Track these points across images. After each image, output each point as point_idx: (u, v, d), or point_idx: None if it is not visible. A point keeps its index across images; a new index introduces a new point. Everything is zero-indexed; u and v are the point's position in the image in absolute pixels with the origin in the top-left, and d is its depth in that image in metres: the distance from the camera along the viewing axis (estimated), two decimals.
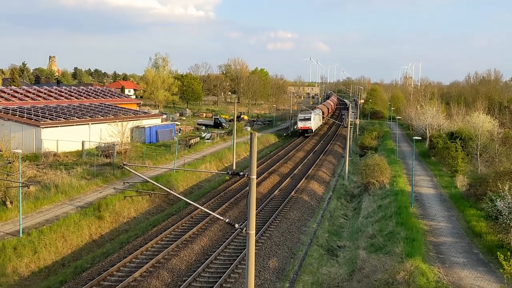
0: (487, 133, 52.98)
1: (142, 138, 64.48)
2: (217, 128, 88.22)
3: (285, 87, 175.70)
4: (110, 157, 49.66)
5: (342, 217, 36.89)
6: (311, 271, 24.84)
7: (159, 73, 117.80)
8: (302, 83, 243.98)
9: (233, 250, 27.09)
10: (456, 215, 33.45)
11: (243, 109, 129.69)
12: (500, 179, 31.36)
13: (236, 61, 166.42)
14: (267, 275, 23.83)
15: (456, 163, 46.96)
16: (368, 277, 20.18)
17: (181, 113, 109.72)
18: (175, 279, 23.13)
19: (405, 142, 79.51)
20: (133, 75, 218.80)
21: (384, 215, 32.54)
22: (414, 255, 22.88)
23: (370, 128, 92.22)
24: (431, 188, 42.96)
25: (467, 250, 26.27)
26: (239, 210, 35.28)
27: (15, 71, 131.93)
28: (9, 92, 72.30)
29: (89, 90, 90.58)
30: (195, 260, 25.59)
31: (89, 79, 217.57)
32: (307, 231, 32.17)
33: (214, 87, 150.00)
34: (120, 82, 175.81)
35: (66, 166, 44.14)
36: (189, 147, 61.77)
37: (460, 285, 21.08)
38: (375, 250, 25.74)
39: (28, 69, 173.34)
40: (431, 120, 70.76)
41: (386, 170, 44.58)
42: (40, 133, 52.70)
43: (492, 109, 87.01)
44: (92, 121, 60.23)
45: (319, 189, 44.69)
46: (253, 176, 14.69)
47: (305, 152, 66.42)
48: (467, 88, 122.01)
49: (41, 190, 34.96)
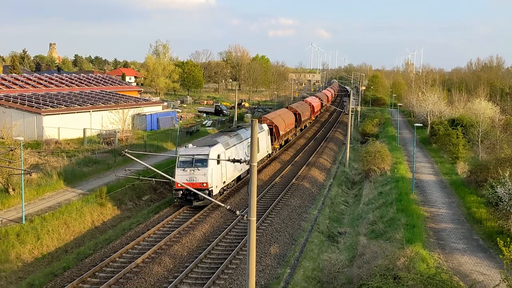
0: (488, 120, 53.00)
1: (143, 125, 64.52)
2: (218, 115, 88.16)
3: (286, 74, 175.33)
4: (112, 144, 49.75)
5: (343, 203, 37.02)
6: (311, 257, 25.01)
7: (160, 60, 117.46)
8: (303, 70, 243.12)
9: (234, 236, 27.25)
10: (456, 202, 33.56)
11: (244, 96, 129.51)
12: (501, 166, 31.42)
13: (237, 48, 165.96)
14: (268, 261, 24.01)
15: (457, 150, 46.98)
16: (368, 263, 20.32)
17: (182, 101, 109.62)
18: (177, 265, 23.32)
19: (406, 129, 79.48)
20: (134, 62, 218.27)
21: (384, 201, 32.65)
22: (415, 241, 23.01)
23: (371, 115, 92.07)
24: (432, 175, 43.04)
25: (467, 236, 26.41)
26: (240, 197, 35.40)
27: (16, 59, 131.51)
28: (10, 79, 72.21)
29: (90, 77, 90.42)
30: (197, 247, 25.76)
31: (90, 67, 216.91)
32: (308, 217, 32.33)
33: (215, 74, 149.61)
34: (120, 69, 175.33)
35: (67, 154, 44.25)
36: (190, 135, 61.82)
37: (460, 270, 21.24)
38: (375, 236, 25.88)
39: (29, 56, 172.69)
40: (433, 107, 70.66)
41: (387, 157, 44.62)
42: (41, 120, 52.76)
43: (494, 96, 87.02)
44: (93, 109, 60.23)
45: (320, 176, 44.79)
46: (254, 163, 14.75)
47: (306, 139, 66.42)
48: (469, 75, 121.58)
49: (43, 177, 35.10)
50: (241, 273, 22.12)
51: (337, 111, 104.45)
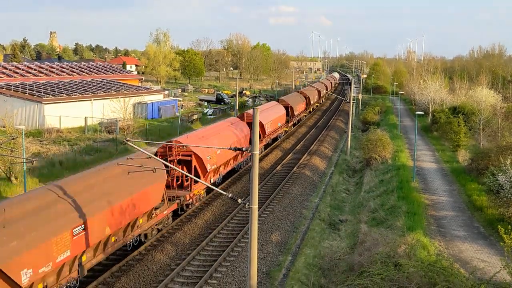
0: (490, 108, 52.85)
1: (145, 114, 64.55)
2: (219, 103, 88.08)
3: (287, 62, 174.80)
4: (113, 133, 49.82)
5: (344, 191, 37.12)
6: (313, 245, 25.15)
7: (161, 48, 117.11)
8: (304, 58, 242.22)
9: (235, 224, 27.38)
10: (457, 190, 33.64)
11: (245, 84, 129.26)
12: (502, 154, 31.41)
13: (238, 36, 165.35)
14: (269, 249, 24.17)
15: (458, 138, 46.98)
16: (369, 250, 20.43)
17: (183, 89, 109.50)
18: (179, 253, 23.47)
19: (408, 117, 79.36)
20: (135, 50, 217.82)
21: (385, 189, 32.74)
22: (415, 228, 23.12)
23: (372, 103, 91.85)
24: (433, 163, 43.09)
25: (467, 224, 26.52)
26: (241, 185, 35.50)
27: (16, 47, 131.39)
28: (10, 68, 72.15)
29: (91, 66, 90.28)
30: (199, 234, 25.91)
31: (90, 55, 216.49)
32: (309, 205, 32.45)
33: (216, 62, 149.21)
34: (121, 57, 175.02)
35: (69, 142, 44.36)
36: (191, 123, 61.86)
37: (460, 257, 21.36)
38: (376, 224, 25.99)
39: (29, 45, 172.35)
40: (434, 95, 70.46)
41: (388, 145, 44.63)
42: (42, 109, 52.81)
43: (496, 84, 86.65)
44: (94, 97, 60.22)
45: (321, 164, 44.86)
46: (256, 151, 14.81)
47: (308, 127, 66.42)
48: (470, 62, 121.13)
49: (45, 166, 35.20)
50: (243, 260, 22.28)
51: (338, 99, 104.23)
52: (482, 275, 17.76)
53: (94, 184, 19.00)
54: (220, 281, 20.41)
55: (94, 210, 17.95)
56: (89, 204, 17.83)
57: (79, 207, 17.34)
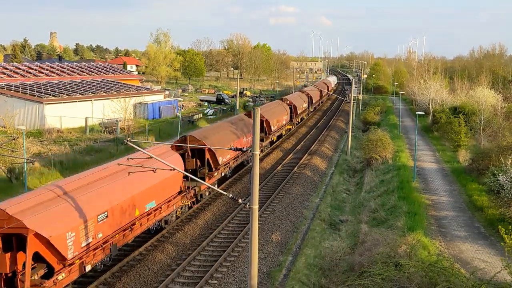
0: (490, 108, 52.82)
1: (145, 114, 64.55)
2: (219, 104, 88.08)
3: (287, 63, 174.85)
4: (113, 133, 49.84)
5: (344, 192, 37.10)
6: (313, 245, 25.14)
7: (161, 48, 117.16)
8: (304, 58, 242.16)
9: (236, 224, 27.38)
10: (458, 190, 33.63)
11: (246, 84, 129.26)
12: (502, 154, 31.41)
13: (238, 36, 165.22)
14: (270, 249, 24.17)
15: (458, 138, 46.97)
16: (369, 250, 20.42)
17: (184, 89, 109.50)
18: (180, 253, 23.48)
19: (408, 117, 79.33)
20: (135, 51, 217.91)
21: (386, 189, 32.72)
22: (416, 229, 23.09)
23: (373, 103, 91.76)
24: (433, 163, 43.08)
25: (468, 224, 26.50)
26: (242, 185, 35.50)
27: (17, 47, 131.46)
28: (11, 68, 72.20)
29: (91, 66, 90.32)
30: (199, 234, 25.92)
31: (91, 55, 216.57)
32: (309, 205, 32.44)
33: (216, 62, 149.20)
34: (122, 58, 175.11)
35: (70, 142, 44.36)
36: (192, 123, 61.86)
37: (461, 258, 21.35)
38: (377, 224, 25.98)
39: (30, 45, 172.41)
40: (435, 95, 70.40)
41: (388, 145, 44.62)
42: (43, 109, 52.83)
43: (496, 84, 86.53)
44: (95, 97, 60.24)
45: (322, 164, 44.85)
46: (256, 151, 14.80)
47: (308, 127, 66.42)
48: (471, 62, 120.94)
49: (45, 166, 35.21)
50: (243, 260, 22.28)
51: (339, 99, 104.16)
52: (482, 275, 17.76)
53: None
54: (221, 281, 20.42)
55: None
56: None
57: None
